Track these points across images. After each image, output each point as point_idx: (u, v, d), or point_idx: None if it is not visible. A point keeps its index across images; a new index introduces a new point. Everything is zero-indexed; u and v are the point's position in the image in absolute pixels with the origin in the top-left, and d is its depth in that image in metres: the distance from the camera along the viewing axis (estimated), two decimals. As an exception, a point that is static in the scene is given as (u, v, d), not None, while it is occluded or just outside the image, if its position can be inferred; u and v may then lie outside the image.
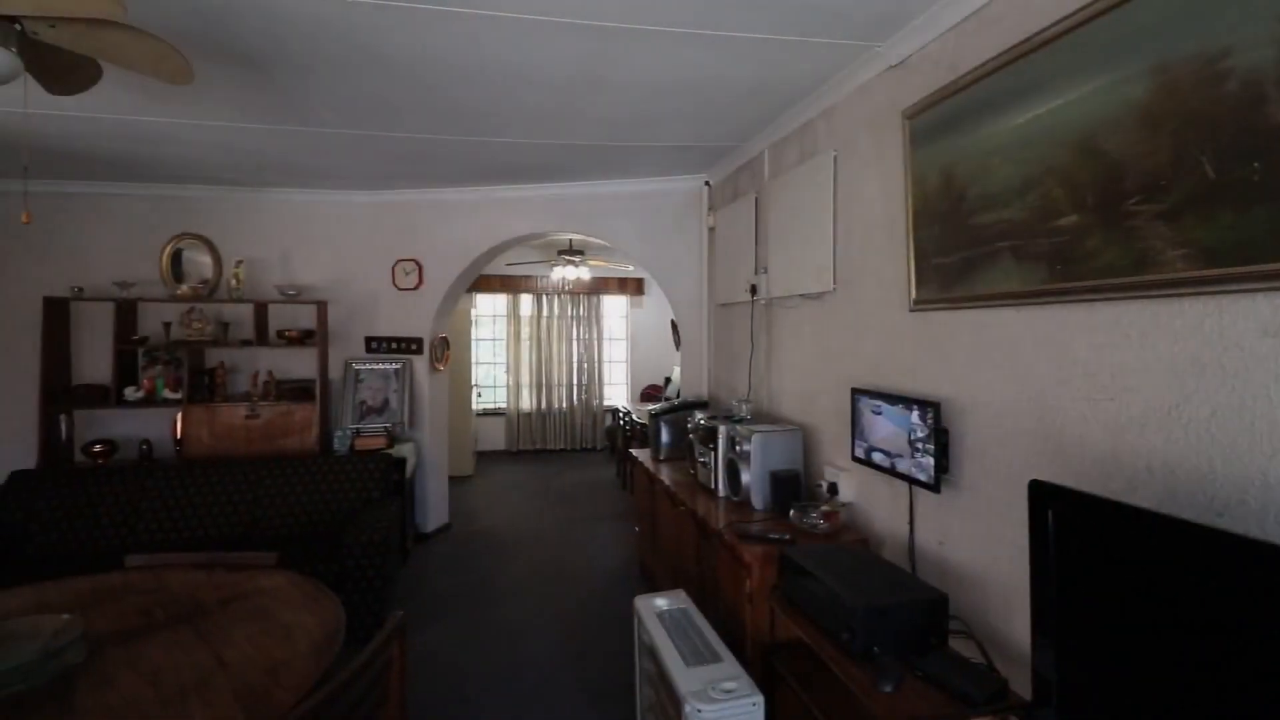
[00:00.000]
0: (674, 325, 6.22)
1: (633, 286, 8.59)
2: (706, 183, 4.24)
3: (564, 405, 8.43)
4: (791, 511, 2.44)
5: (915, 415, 1.98)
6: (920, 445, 1.96)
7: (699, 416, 3.24)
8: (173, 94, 2.64)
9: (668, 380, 7.84)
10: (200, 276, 4.30)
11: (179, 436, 4.06)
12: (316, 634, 1.65)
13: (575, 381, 8.46)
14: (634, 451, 4.09)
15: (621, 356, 8.88)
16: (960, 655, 1.62)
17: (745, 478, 2.71)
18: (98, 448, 3.98)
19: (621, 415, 6.64)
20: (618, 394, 8.78)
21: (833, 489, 2.56)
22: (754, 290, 3.37)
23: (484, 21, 2.03)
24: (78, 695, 1.39)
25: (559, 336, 8.43)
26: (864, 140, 2.46)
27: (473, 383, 7.25)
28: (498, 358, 8.58)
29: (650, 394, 8.20)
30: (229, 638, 1.63)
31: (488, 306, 8.51)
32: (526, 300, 8.40)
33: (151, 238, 4.29)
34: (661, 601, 2.29)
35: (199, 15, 1.94)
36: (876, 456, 2.19)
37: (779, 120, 3.07)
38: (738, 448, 2.77)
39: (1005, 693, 1.49)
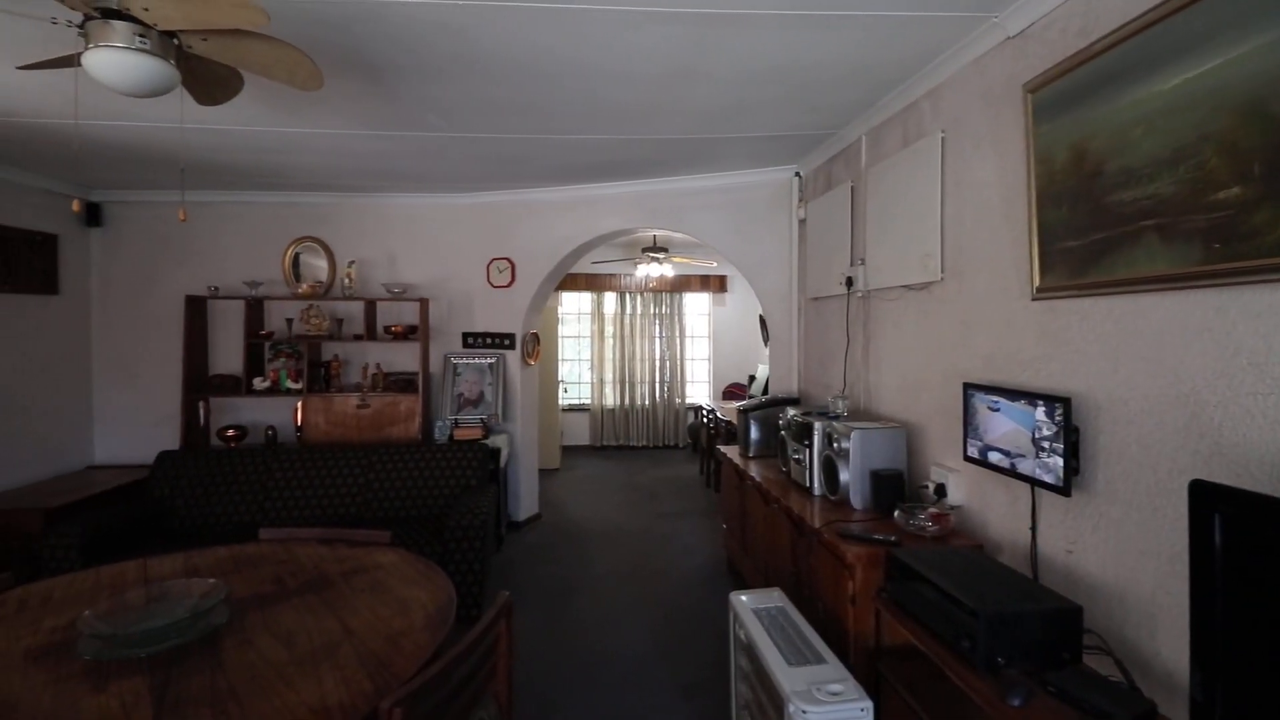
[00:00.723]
0: (762, 321, 6.10)
1: (715, 284, 8.52)
2: (797, 174, 4.13)
3: (646, 402, 8.48)
4: (896, 513, 2.32)
5: (1040, 412, 1.83)
6: (1046, 444, 1.81)
7: (791, 413, 3.16)
8: (299, 106, 2.86)
9: (751, 379, 7.71)
10: (315, 278, 4.64)
11: (299, 423, 4.41)
12: (430, 608, 1.73)
13: (657, 379, 8.50)
14: (721, 448, 4.05)
15: (703, 354, 8.82)
16: (1096, 673, 1.48)
17: (844, 476, 2.61)
18: (230, 432, 4.39)
19: (705, 413, 6.60)
20: (699, 392, 8.74)
21: (940, 490, 2.42)
22: (850, 283, 3.24)
23: (582, 15, 2.06)
24: (223, 652, 1.52)
25: (642, 334, 8.49)
26: (977, 118, 2.31)
27: (559, 378, 7.43)
28: (582, 355, 8.75)
29: (733, 393, 8.10)
30: (352, 607, 1.74)
31: (573, 304, 8.69)
32: (610, 298, 8.51)
33: (275, 241, 4.69)
34: (758, 599, 2.25)
35: (324, 26, 2.08)
36: (993, 456, 2.05)
37: (879, 103, 2.94)
38: (835, 445, 2.67)
39: (1153, 716, 1.34)
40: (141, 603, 1.70)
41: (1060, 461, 1.76)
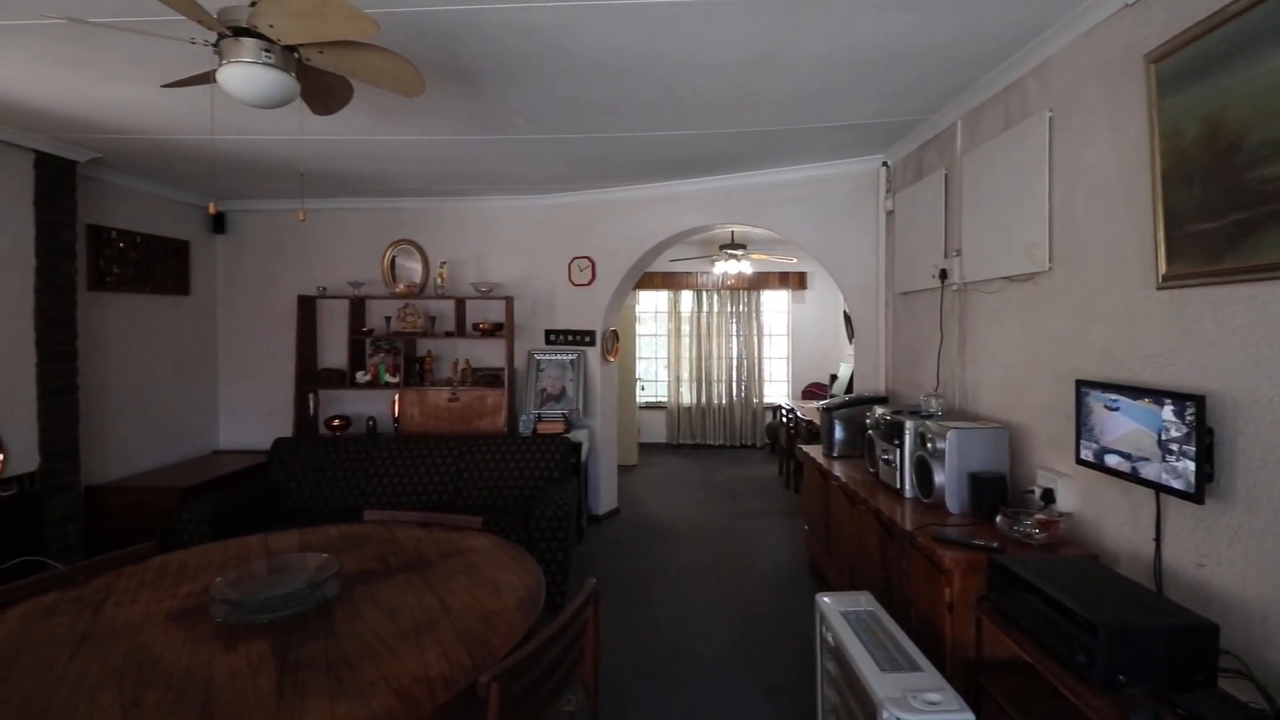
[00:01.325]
0: (847, 317, 5.90)
1: (795, 281, 8.32)
2: (884, 163, 3.97)
3: (723, 401, 8.40)
4: (998, 518, 2.19)
5: (1168, 411, 1.67)
6: (1175, 447, 1.65)
7: (879, 411, 3.04)
8: (398, 114, 3.03)
9: (833, 378, 7.47)
10: (410, 279, 4.91)
11: (397, 415, 4.69)
12: (521, 591, 1.79)
13: (734, 377, 8.40)
14: (804, 447, 3.95)
15: (782, 353, 8.64)
16: (1235, 698, 1.34)
17: (938, 478, 2.48)
18: (336, 422, 4.73)
19: (785, 412, 6.46)
20: (777, 391, 8.57)
21: (1048, 496, 2.26)
22: (944, 275, 3.09)
23: (668, 10, 2.07)
24: (335, 622, 1.63)
25: (718, 332, 8.42)
26: (1090, 94, 2.14)
27: (636, 376, 7.50)
28: (659, 353, 8.78)
29: (812, 392, 7.89)
30: (449, 587, 1.83)
31: (650, 303, 8.74)
32: (687, 297, 8.50)
33: (376, 244, 5.01)
34: (845, 601, 2.18)
35: (425, 35, 2.19)
36: (1111, 460, 1.89)
37: (977, 84, 2.78)
38: (929, 445, 2.55)
39: (1308, 751, 1.20)
40: (264, 573, 1.85)
41: (1191, 466, 1.60)
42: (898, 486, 2.75)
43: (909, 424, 2.70)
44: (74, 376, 3.65)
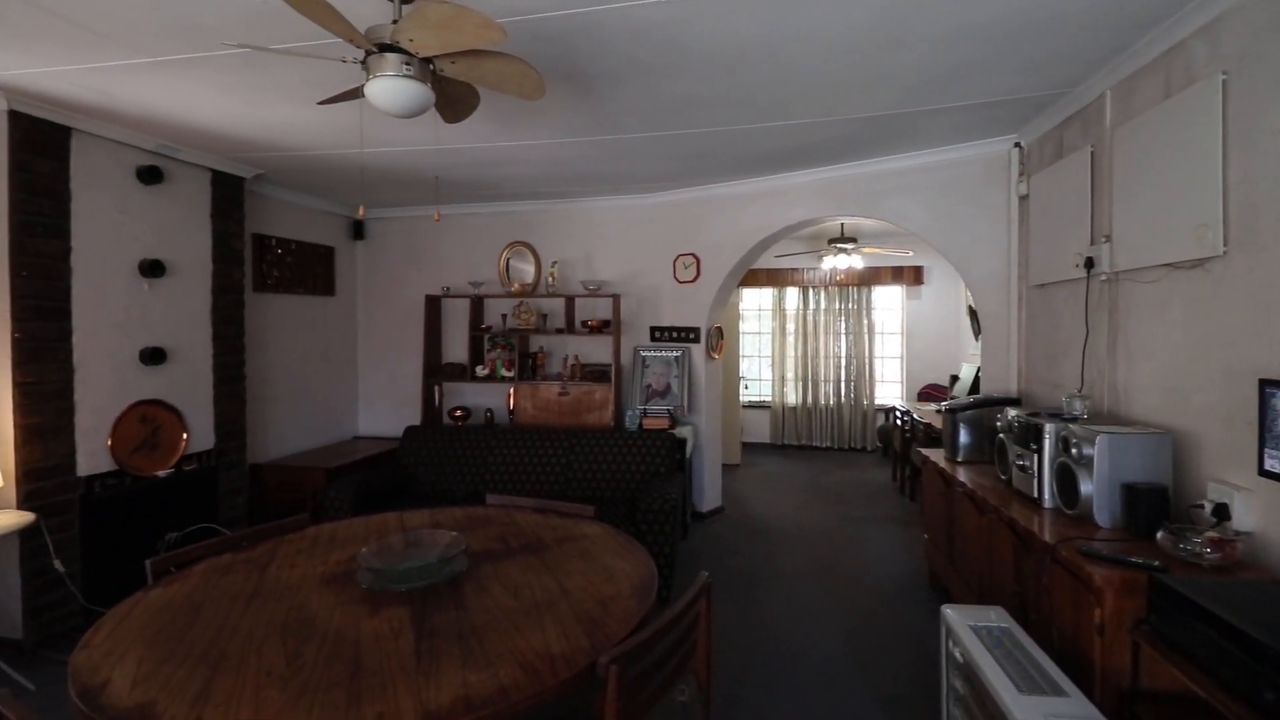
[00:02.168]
0: (972, 312, 5.49)
1: (910, 275, 7.85)
2: (1016, 144, 3.66)
3: (831, 401, 8.10)
4: (1160, 534, 1.95)
5: (1389, 414, 1.42)
6: (1398, 457, 1.40)
7: (1013, 414, 2.81)
8: (515, 120, 3.18)
9: (954, 379, 6.98)
10: (523, 279, 5.15)
11: (512, 407, 4.95)
12: (635, 579, 1.83)
13: (843, 377, 8.07)
14: (925, 451, 3.73)
15: (895, 353, 8.19)
16: None
17: (1084, 487, 2.25)
18: (458, 413, 5.08)
19: (900, 414, 6.12)
20: (890, 393, 8.14)
21: (1221, 511, 1.98)
22: (1090, 264, 2.79)
23: (786, -4, 2.02)
24: (464, 595, 1.74)
25: (825, 331, 8.13)
26: (1275, 52, 1.85)
27: (739, 375, 7.41)
28: (762, 352, 8.62)
29: (930, 394, 7.42)
30: (566, 570, 1.89)
31: (753, 301, 8.59)
32: (792, 294, 8.28)
33: (493, 246, 5.31)
34: (975, 615, 2.03)
35: (543, 40, 2.28)
36: (1307, 470, 1.63)
37: (1130, 51, 2.49)
38: (1074, 451, 2.32)
39: None
40: (401, 547, 2.01)
41: None
42: (1035, 495, 2.53)
43: (1049, 427, 2.47)
44: (242, 367, 4.15)
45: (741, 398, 7.52)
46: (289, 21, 2.07)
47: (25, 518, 2.83)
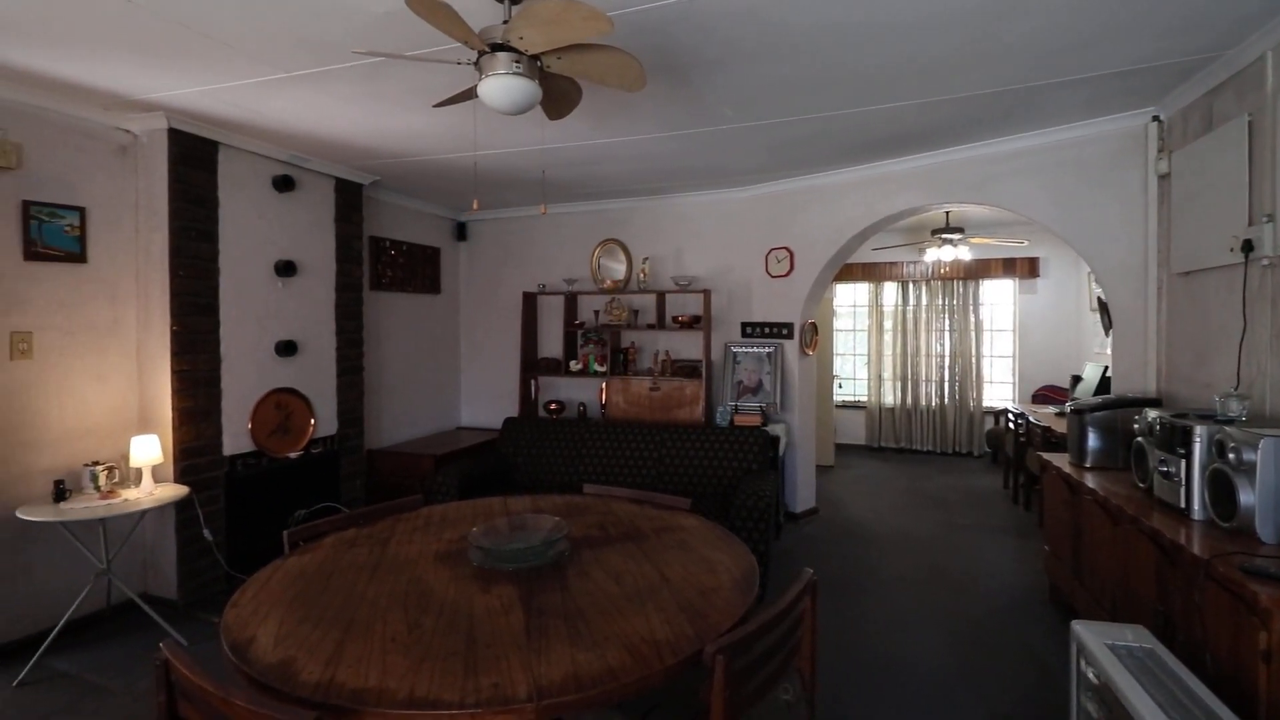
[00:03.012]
0: (1102, 305, 5.01)
1: (1023, 268, 7.26)
2: (1155, 118, 3.30)
3: (933, 403, 7.65)
4: (1343, 550, 1.70)
5: None
6: None
7: (1154, 415, 2.54)
8: (611, 116, 3.23)
9: (1076, 380, 6.39)
10: (614, 276, 5.22)
11: (604, 401, 5.04)
12: (735, 572, 1.80)
13: (946, 377, 7.60)
14: (1046, 455, 3.44)
15: (1006, 351, 7.62)
16: None
17: (1245, 497, 2.00)
18: (553, 405, 5.24)
19: (1012, 417, 5.69)
20: (1000, 394, 7.58)
21: None
22: (1249, 247, 2.47)
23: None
24: (568, 578, 1.78)
25: (927, 327, 7.68)
26: None
27: (833, 373, 7.15)
28: (857, 349, 8.28)
29: (1047, 396, 6.86)
30: (665, 560, 1.90)
31: (847, 296, 8.27)
32: (890, 289, 7.89)
33: (586, 244, 5.43)
34: (1111, 633, 1.85)
35: (642, 31, 2.29)
36: None
37: (1308, 2, 2.18)
38: (1230, 457, 2.06)
39: None
40: (506, 529, 2.08)
41: None
42: (1182, 505, 2.27)
43: (1200, 430, 2.21)
44: (360, 360, 4.48)
45: (835, 397, 7.27)
46: (404, 32, 2.20)
47: (182, 491, 3.18)
